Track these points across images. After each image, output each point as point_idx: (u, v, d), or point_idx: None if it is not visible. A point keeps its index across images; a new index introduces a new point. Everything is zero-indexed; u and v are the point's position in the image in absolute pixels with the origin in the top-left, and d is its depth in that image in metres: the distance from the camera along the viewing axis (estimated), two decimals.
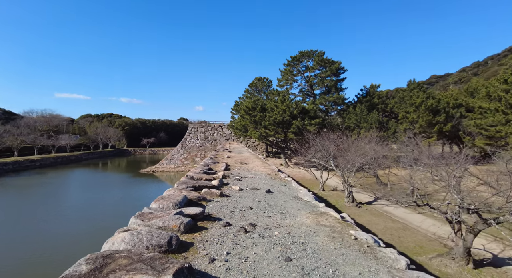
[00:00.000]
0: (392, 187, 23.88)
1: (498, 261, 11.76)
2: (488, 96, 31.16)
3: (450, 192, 12.09)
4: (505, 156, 19.66)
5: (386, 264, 4.77)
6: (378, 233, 14.90)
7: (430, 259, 11.85)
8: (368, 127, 37.99)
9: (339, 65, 44.03)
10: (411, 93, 40.71)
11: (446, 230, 14.59)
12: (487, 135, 28.63)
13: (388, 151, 30.34)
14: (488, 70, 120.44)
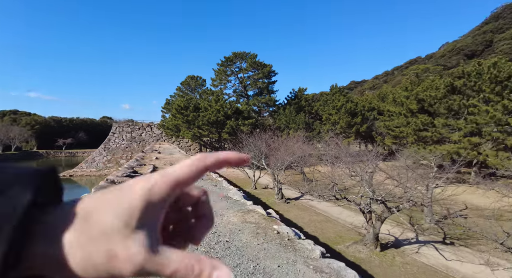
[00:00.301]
0: (316, 182, 25.79)
1: (399, 242, 13.68)
2: (394, 101, 36.08)
3: (363, 186, 13.63)
4: (405, 153, 23.01)
5: (303, 254, 5.12)
6: (304, 226, 15.93)
7: (347, 247, 13.13)
8: (296, 128, 40.37)
9: (270, 69, 45.82)
10: (333, 97, 44.64)
11: (361, 219, 16.36)
12: (393, 135, 33.12)
13: (313, 150, 32.69)
14: (394, 79, 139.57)
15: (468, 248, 12.92)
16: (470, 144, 25.00)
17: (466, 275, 10.53)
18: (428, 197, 14.86)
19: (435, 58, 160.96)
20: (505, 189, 15.49)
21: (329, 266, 4.63)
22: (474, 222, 14.82)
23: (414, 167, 19.52)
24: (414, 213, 16.38)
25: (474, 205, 18.26)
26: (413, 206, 13.26)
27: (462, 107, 26.58)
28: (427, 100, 29.23)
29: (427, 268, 11.10)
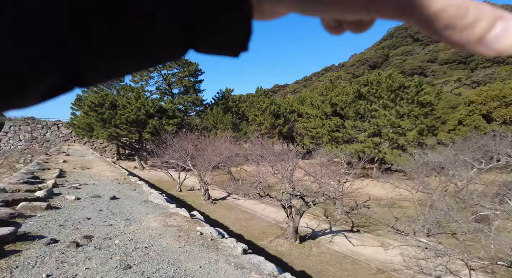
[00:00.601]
0: (243, 182, 26.39)
1: (315, 234, 15.00)
2: (312, 105, 39.38)
3: (285, 183, 14.50)
4: (321, 151, 25.34)
5: (225, 253, 5.20)
6: (229, 225, 16.13)
7: (270, 242, 13.79)
8: (223, 128, 40.56)
9: (196, 67, 44.96)
10: (259, 99, 46.30)
11: (283, 215, 17.38)
12: (311, 136, 36.12)
13: (240, 150, 33.31)
14: (313, 84, 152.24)
15: (370, 234, 14.94)
16: (372, 143, 28.92)
17: (368, 257, 12.16)
18: (340, 191, 16.68)
19: (346, 67, 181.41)
20: (397, 181, 18.39)
21: (249, 261, 4.81)
22: (374, 211, 17.22)
23: (328, 164, 21.66)
24: (328, 206, 18.17)
25: (375, 196, 21.19)
26: (327, 200, 14.71)
27: (366, 111, 30.56)
28: (339, 105, 32.72)
29: (338, 255, 12.44)
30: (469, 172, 18.34)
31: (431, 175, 17.97)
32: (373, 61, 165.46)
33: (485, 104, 38.12)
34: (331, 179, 15.45)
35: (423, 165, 19.06)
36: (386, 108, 29.37)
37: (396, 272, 10.71)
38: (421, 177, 16.78)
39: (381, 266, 11.25)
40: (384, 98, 29.60)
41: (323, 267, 11.31)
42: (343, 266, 11.42)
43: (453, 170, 17.53)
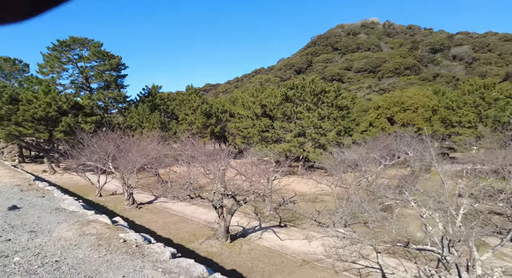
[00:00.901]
0: (172, 183, 25.34)
1: (246, 232, 15.31)
2: (243, 105, 40.09)
3: (216, 183, 14.41)
4: (251, 151, 26.00)
5: (152, 258, 4.91)
6: (157, 230, 15.30)
7: (200, 244, 13.54)
8: (150, 127, 38.28)
9: (119, 61, 41.32)
10: (190, 98, 45.06)
11: (214, 215, 17.24)
12: (243, 136, 36.77)
13: (169, 150, 31.92)
14: (244, 85, 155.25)
15: (296, 227, 15.94)
16: (298, 143, 30.90)
17: (295, 250, 12.94)
18: (269, 188, 17.37)
19: (274, 70, 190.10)
20: (319, 178, 20.02)
21: (178, 265, 4.63)
22: (299, 206, 18.40)
23: (258, 163, 22.33)
24: (258, 203, 18.74)
25: (300, 191, 22.69)
26: (257, 197, 15.16)
27: (293, 113, 32.48)
28: (268, 106, 34.03)
29: (267, 250, 12.92)
30: (377, 168, 21.06)
31: (348, 171, 20.07)
32: (298, 66, 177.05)
33: (389, 109, 44.28)
34: (261, 177, 15.96)
35: (340, 162, 21.14)
36: (310, 110, 31.69)
37: (319, 261, 11.65)
38: (339, 173, 18.61)
39: (306, 257, 12.10)
40: (308, 102, 31.89)
41: (253, 263, 11.60)
42: (272, 260, 11.91)
43: (365, 166, 19.88)
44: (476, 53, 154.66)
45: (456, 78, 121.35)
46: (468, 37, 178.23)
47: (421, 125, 40.20)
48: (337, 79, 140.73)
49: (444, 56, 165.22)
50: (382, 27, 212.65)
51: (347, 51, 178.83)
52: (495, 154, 19.14)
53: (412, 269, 10.82)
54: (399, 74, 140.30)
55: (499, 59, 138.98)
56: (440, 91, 51.41)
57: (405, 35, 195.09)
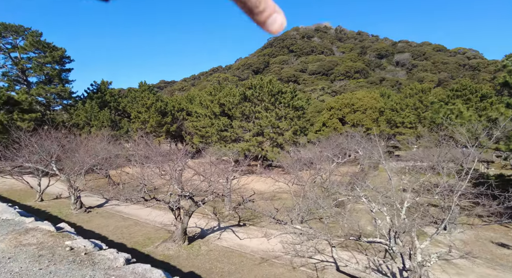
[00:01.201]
0: (124, 185, 23.92)
1: (204, 232, 15.05)
2: (201, 104, 39.36)
3: (173, 184, 13.92)
4: (210, 150, 25.63)
5: (104, 266, 4.56)
6: (109, 235, 14.35)
7: (156, 247, 12.99)
8: (100, 126, 35.76)
9: (63, 53, 37.78)
10: (143, 95, 42.99)
11: (170, 217, 16.66)
12: (201, 135, 36.08)
13: (121, 150, 30.12)
14: (201, 83, 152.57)
15: (255, 226, 16.07)
16: (257, 142, 31.21)
17: (254, 248, 13.04)
18: (228, 187, 17.27)
19: (232, 69, 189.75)
20: (277, 176, 20.42)
21: (133, 271, 4.36)
22: (258, 204, 18.59)
23: (217, 162, 22.08)
24: (217, 203, 18.55)
25: (259, 190, 22.92)
26: (216, 197, 14.97)
27: (251, 113, 32.71)
28: (227, 105, 33.85)
29: (227, 250, 12.84)
30: (331, 165, 22.13)
31: (303, 169, 20.78)
32: (256, 67, 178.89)
33: (340, 110, 46.84)
34: (220, 177, 15.80)
35: (297, 161, 21.82)
36: (268, 110, 32.21)
37: (277, 258, 11.88)
38: (296, 171, 19.18)
39: (265, 255, 12.26)
40: (265, 102, 32.37)
41: (212, 264, 11.44)
42: (231, 260, 11.85)
43: (319, 164, 20.76)
44: (415, 60, 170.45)
45: (399, 83, 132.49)
46: (408, 45, 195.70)
47: (370, 125, 43.21)
48: (293, 80, 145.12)
49: (389, 61, 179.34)
50: (334, 32, 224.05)
51: (302, 53, 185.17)
52: (431, 152, 21.28)
53: (363, 261, 11.55)
54: (350, 77, 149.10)
55: (433, 67, 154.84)
56: (386, 94, 55.73)
57: (354, 41, 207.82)
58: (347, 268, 10.78)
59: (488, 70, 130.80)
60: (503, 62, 16.14)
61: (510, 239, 14.46)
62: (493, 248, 13.40)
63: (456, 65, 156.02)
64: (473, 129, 13.38)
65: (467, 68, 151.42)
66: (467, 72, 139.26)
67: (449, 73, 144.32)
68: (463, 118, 15.38)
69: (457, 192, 8.32)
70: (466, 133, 9.99)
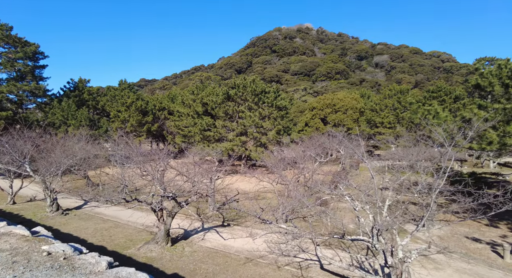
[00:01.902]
0: (104, 186, 23.20)
1: (188, 233, 14.82)
2: (183, 103, 38.78)
3: (155, 184, 13.61)
4: (193, 150, 25.30)
5: (85, 271, 4.36)
6: (88, 238, 13.85)
7: (138, 249, 12.65)
8: (77, 125, 34.48)
9: (36, 49, 36.01)
10: (123, 93, 41.87)
11: (153, 218, 16.28)
12: (183, 134, 35.53)
13: (100, 150, 29.20)
14: (183, 82, 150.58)
15: (239, 226, 16.00)
16: (240, 142, 31.12)
17: (238, 248, 12.97)
18: (212, 188, 17.10)
19: (215, 68, 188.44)
20: (261, 176, 20.46)
21: (117, 275, 4.20)
22: (243, 204, 18.54)
23: (200, 162, 21.84)
24: (201, 204, 18.31)
25: (243, 190, 22.86)
26: (199, 198, 14.77)
27: (235, 112, 32.59)
28: (210, 104, 33.54)
29: (211, 251, 12.69)
30: (314, 165, 22.41)
31: (287, 168, 20.91)
32: (239, 66, 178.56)
33: (322, 110, 47.57)
34: (203, 177, 15.61)
35: (281, 160, 21.94)
36: (251, 110, 32.19)
37: (262, 258, 11.88)
38: (280, 170, 19.28)
39: (249, 255, 12.23)
40: (249, 101, 32.33)
41: (195, 265, 11.28)
42: (215, 261, 11.74)
43: (303, 163, 20.97)
44: (393, 62, 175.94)
45: (378, 84, 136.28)
46: (387, 47, 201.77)
47: (351, 125, 44.14)
48: (275, 80, 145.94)
49: (368, 63, 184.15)
50: (316, 33, 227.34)
51: (285, 54, 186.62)
52: (410, 151, 22.01)
53: (346, 258, 11.76)
54: (331, 78, 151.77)
55: (410, 69, 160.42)
56: (366, 95, 57.14)
57: (335, 42, 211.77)
58: (330, 266, 10.94)
59: (461, 73, 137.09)
60: (475, 65, 16.94)
61: (482, 233, 15.18)
62: (467, 243, 14.01)
63: (432, 67, 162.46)
64: (449, 129, 13.94)
65: (442, 71, 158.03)
66: (441, 75, 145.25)
67: (425, 75, 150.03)
68: (440, 118, 16.00)
69: (435, 190, 8.62)
70: (443, 133, 10.38)
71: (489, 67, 15.62)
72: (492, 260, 12.18)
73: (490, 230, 15.62)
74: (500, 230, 15.57)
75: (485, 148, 14.70)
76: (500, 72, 14.92)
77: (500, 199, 8.50)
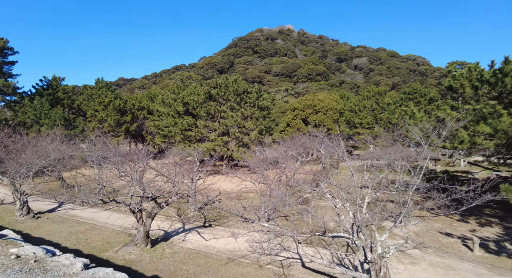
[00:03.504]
0: (80, 188, 22.32)
1: (168, 235, 14.53)
2: (163, 102, 38.00)
3: (134, 185, 13.24)
4: (173, 150, 24.86)
5: (59, 273, 4.15)
6: (62, 241, 13.26)
7: (116, 252, 12.26)
8: (51, 125, 33.01)
9: (4, 44, 34.11)
10: (100, 92, 40.53)
11: (131, 220, 15.84)
12: (163, 135, 34.80)
13: (76, 150, 28.12)
14: (163, 81, 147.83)
15: (221, 226, 15.86)
16: (222, 142, 30.90)
17: (220, 248, 12.85)
18: (193, 188, 16.85)
19: (196, 68, 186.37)
20: (243, 175, 20.39)
21: (93, 276, 4.03)
22: (225, 204, 18.40)
23: (181, 162, 21.49)
24: (181, 204, 18.02)
25: (225, 190, 22.71)
26: (180, 198, 14.52)
27: (216, 112, 32.33)
28: (191, 104, 33.08)
29: (191, 252, 12.49)
30: (295, 164, 22.61)
31: (269, 168, 20.98)
32: (220, 66, 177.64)
33: (304, 110, 48.17)
34: (184, 178, 15.36)
35: (263, 160, 21.96)
36: (233, 110, 32.07)
37: (244, 257, 11.83)
38: (262, 170, 19.30)
39: (231, 255, 12.14)
40: (231, 101, 32.19)
41: (176, 267, 11.07)
42: (196, 262, 11.56)
43: (284, 163, 21.11)
44: (371, 65, 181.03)
45: (357, 85, 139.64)
46: (366, 50, 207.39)
47: (331, 126, 44.98)
48: (257, 81, 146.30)
49: (348, 65, 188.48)
50: (297, 35, 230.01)
51: (266, 55, 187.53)
52: (388, 151, 22.70)
53: (327, 256, 11.93)
54: (312, 79, 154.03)
55: (388, 72, 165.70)
56: (345, 96, 58.41)
57: (316, 44, 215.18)
58: (312, 264, 11.06)
59: (434, 76, 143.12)
60: (448, 68, 17.75)
61: (453, 228, 15.87)
62: (440, 238, 14.60)
63: (408, 70, 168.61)
64: (425, 129, 14.49)
65: (417, 74, 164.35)
66: (417, 77, 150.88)
67: (402, 78, 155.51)
68: (416, 118, 16.61)
69: (412, 187, 8.91)
70: (419, 133, 10.77)
71: (461, 70, 16.39)
72: (463, 253, 12.75)
73: (461, 225, 16.36)
74: (470, 225, 16.35)
75: (457, 146, 15.39)
76: (470, 75, 15.68)
77: (470, 195, 8.93)
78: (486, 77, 14.91)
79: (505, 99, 15.45)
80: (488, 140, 14.71)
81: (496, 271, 11.11)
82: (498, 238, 14.52)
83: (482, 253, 12.74)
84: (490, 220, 17.12)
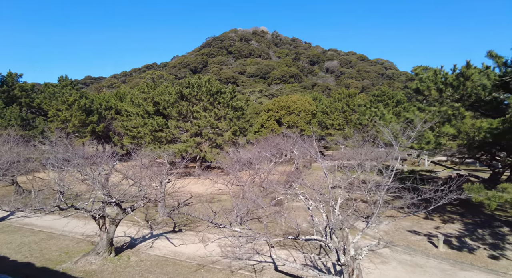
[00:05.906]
0: (38, 193, 20.59)
1: (135, 241, 13.68)
2: (132, 102, 36.39)
3: (96, 189, 12.29)
4: (142, 152, 23.75)
5: None
6: (11, 254, 12.01)
7: (75, 263, 11.28)
8: (5, 125, 30.39)
9: None
10: (64, 90, 38.06)
11: (94, 227, 14.76)
12: (131, 136, 33.25)
13: (33, 152, 26.07)
14: (133, 80, 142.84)
15: (192, 231, 15.23)
16: (195, 143, 30.07)
17: (190, 255, 12.27)
18: (162, 192, 16.06)
19: (168, 67, 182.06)
20: (216, 177, 19.86)
21: None
22: (195, 208, 17.76)
23: (150, 165, 20.50)
24: (149, 209, 17.10)
25: (196, 193, 22.01)
26: (148, 203, 13.72)
27: (189, 112, 31.43)
28: (162, 104, 31.92)
29: (159, 259, 11.80)
30: (269, 165, 22.43)
31: (243, 169, 20.59)
32: (194, 66, 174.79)
33: (277, 112, 48.36)
34: (152, 181, 14.58)
35: (236, 162, 21.54)
36: (206, 110, 31.36)
37: (215, 263, 11.35)
38: (235, 172, 18.88)
39: (202, 261, 11.61)
40: (204, 101, 31.47)
41: (142, 276, 10.37)
42: (164, 269, 10.92)
43: (258, 164, 20.84)
44: (342, 68, 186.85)
45: (329, 88, 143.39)
46: (337, 54, 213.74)
47: (304, 127, 45.49)
48: (232, 82, 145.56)
49: (320, 68, 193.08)
50: (271, 36, 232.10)
51: (241, 56, 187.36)
52: (358, 151, 23.17)
53: (300, 258, 11.76)
54: (285, 81, 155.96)
55: (357, 75, 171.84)
56: (318, 98, 59.53)
57: (289, 46, 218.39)
58: (285, 267, 10.82)
59: (400, 80, 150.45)
60: (415, 70, 18.38)
61: (420, 226, 16.43)
62: (408, 236, 15.01)
63: (376, 74, 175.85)
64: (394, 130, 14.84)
65: (385, 77, 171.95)
66: (385, 80, 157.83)
67: (371, 81, 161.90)
68: (386, 119, 17.04)
69: (384, 187, 8.95)
70: (390, 134, 10.93)
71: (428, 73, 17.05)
72: (429, 250, 13.17)
73: (427, 222, 16.98)
74: (434, 222, 17.01)
75: (423, 147, 15.94)
76: (436, 78, 16.34)
77: (438, 194, 9.14)
78: (450, 80, 15.60)
79: (466, 102, 16.28)
80: (451, 140, 15.36)
81: (458, 266, 11.54)
82: (460, 234, 15.20)
83: (446, 249, 13.22)
84: (452, 217, 17.94)
